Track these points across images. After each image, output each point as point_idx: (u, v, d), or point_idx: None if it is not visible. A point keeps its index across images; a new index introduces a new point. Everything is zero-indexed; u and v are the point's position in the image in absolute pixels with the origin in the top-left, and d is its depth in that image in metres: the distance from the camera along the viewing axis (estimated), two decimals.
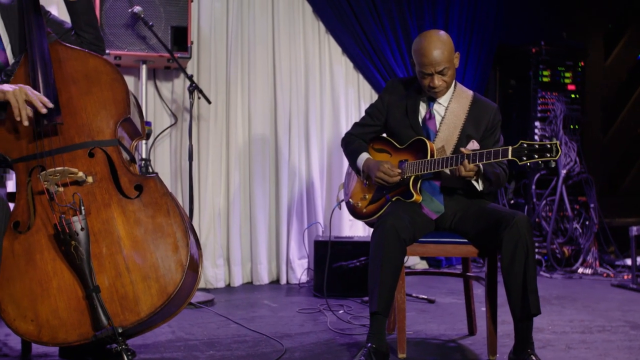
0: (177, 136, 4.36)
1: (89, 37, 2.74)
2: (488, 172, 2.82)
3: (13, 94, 2.32)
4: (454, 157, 2.74)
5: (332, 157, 4.78)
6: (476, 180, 2.81)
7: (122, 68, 4.11)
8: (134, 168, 2.62)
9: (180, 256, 2.33)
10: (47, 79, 2.43)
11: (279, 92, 4.56)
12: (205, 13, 4.36)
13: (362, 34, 4.73)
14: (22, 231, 2.37)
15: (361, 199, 3.13)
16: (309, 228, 4.65)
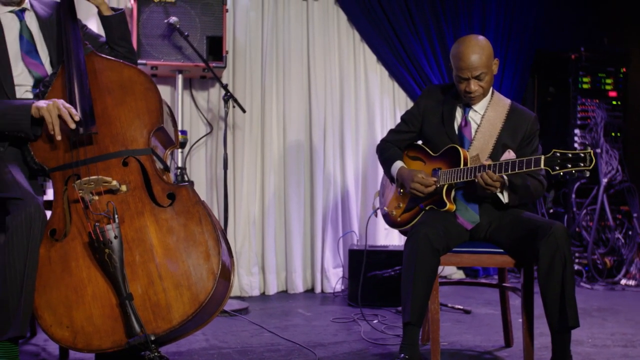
0: (212, 145, 4.39)
1: (122, 50, 2.79)
2: (516, 184, 2.77)
3: (47, 110, 2.38)
4: (486, 165, 2.70)
5: (367, 165, 4.76)
6: (501, 192, 2.76)
7: (158, 78, 4.18)
8: (168, 177, 2.64)
9: (211, 264, 2.33)
10: (83, 89, 2.48)
11: (313, 101, 4.57)
12: (240, 23, 4.40)
13: (397, 41, 4.70)
14: (58, 239, 2.40)
15: (396, 207, 3.11)
16: (343, 236, 4.63)
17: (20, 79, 2.63)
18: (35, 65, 2.65)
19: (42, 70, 2.66)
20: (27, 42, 2.66)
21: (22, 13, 2.70)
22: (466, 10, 4.96)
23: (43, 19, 2.74)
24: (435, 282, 2.71)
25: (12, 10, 2.68)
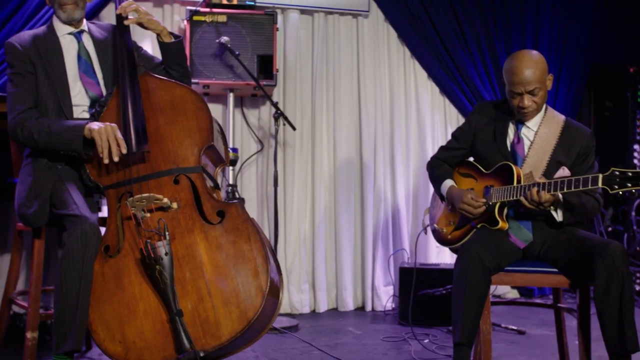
0: (263, 162, 4.43)
1: (176, 74, 2.85)
2: (571, 202, 2.70)
3: (98, 133, 2.46)
4: (542, 183, 2.64)
5: (418, 182, 4.72)
6: (554, 210, 2.69)
7: (210, 96, 4.25)
8: (218, 194, 2.67)
9: (260, 282, 2.34)
10: (136, 109, 2.54)
11: (364, 117, 4.56)
12: (291, 41, 4.44)
13: (447, 57, 4.67)
14: (112, 255, 2.46)
15: (446, 224, 3.07)
16: (394, 254, 4.59)
17: (77, 99, 2.71)
18: (92, 85, 2.74)
19: (98, 90, 2.75)
20: (84, 62, 2.75)
21: (80, 35, 2.80)
22: (519, 25, 4.88)
23: (99, 41, 2.83)
24: (487, 302, 2.66)
25: (71, 32, 2.78)
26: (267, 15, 4.04)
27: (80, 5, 2.76)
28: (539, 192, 2.61)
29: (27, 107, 2.63)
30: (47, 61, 2.68)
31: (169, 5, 4.23)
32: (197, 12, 3.95)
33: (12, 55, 2.67)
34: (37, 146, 2.60)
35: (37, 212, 2.58)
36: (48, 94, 2.67)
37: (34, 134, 2.56)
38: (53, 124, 2.58)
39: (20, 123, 2.59)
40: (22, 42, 2.69)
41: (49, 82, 2.67)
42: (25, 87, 2.65)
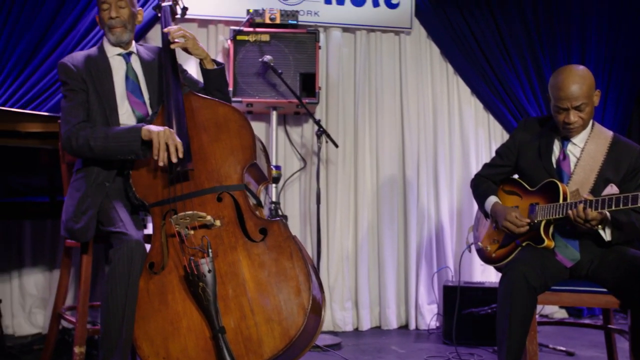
0: (306, 179, 4.45)
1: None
2: (620, 220, 2.62)
3: (157, 134, 2.51)
4: (588, 201, 2.58)
5: (462, 200, 4.67)
6: (602, 229, 2.62)
7: (253, 115, 4.30)
8: (261, 212, 2.69)
9: (302, 299, 2.34)
10: (181, 127, 2.59)
11: (407, 134, 4.55)
12: (333, 59, 4.46)
13: (491, 73, 4.62)
14: (156, 272, 2.49)
15: (490, 242, 3.02)
16: (438, 272, 4.54)
17: (125, 118, 2.78)
18: (139, 104, 2.81)
19: (144, 110, 2.81)
20: (132, 82, 2.83)
21: (128, 56, 2.88)
22: (564, 40, 4.81)
23: (146, 62, 2.90)
24: (533, 322, 2.60)
25: (119, 53, 2.86)
26: (309, 34, 4.08)
27: (128, 28, 2.84)
28: (586, 209, 2.55)
29: (81, 120, 2.71)
30: (97, 81, 2.76)
31: (213, 25, 4.31)
32: (241, 32, 4.01)
33: (65, 75, 2.76)
34: (93, 153, 2.65)
35: (84, 227, 2.63)
36: (97, 113, 2.74)
37: (89, 141, 2.62)
38: (109, 129, 2.65)
39: (74, 133, 2.66)
40: (75, 62, 2.78)
41: (98, 101, 2.75)
42: (79, 102, 2.73)
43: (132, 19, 2.86)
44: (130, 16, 2.84)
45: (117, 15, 2.80)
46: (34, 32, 3.93)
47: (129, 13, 2.84)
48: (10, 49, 3.91)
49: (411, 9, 4.49)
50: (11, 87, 3.88)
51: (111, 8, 2.80)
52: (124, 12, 2.81)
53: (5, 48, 3.89)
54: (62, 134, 2.73)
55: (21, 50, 3.91)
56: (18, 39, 3.91)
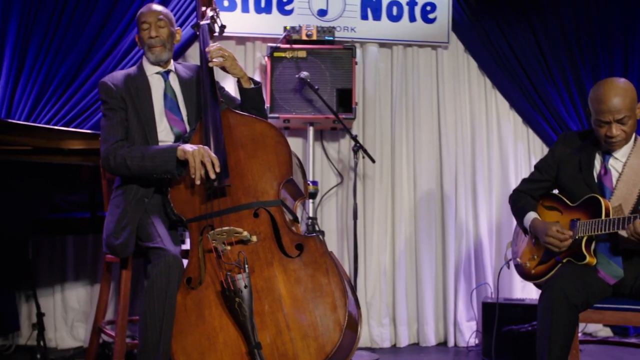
0: (343, 195, 4.45)
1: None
2: None
3: (192, 154, 2.55)
4: (632, 217, 2.52)
5: (501, 215, 4.60)
6: None
7: (291, 130, 4.32)
8: (297, 228, 2.70)
9: (338, 315, 2.34)
10: (218, 144, 2.62)
11: (444, 149, 4.52)
12: (370, 74, 4.47)
13: (530, 87, 4.56)
14: (194, 287, 2.51)
15: (530, 258, 2.97)
16: (477, 288, 4.48)
17: (163, 135, 2.83)
18: (177, 121, 2.86)
19: (182, 127, 2.86)
20: (170, 99, 2.88)
21: (167, 74, 2.94)
22: (606, 52, 4.72)
23: (185, 80, 2.96)
24: (575, 340, 2.55)
25: (158, 71, 2.92)
26: (346, 50, 4.10)
27: (167, 47, 2.91)
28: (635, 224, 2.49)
29: (119, 139, 2.78)
30: (136, 98, 2.82)
31: (250, 42, 4.36)
32: (278, 49, 4.05)
33: (105, 93, 2.84)
34: (130, 172, 2.71)
35: (124, 243, 2.69)
36: (136, 130, 2.80)
37: (126, 160, 2.69)
38: (145, 149, 2.71)
39: (112, 152, 2.73)
40: (114, 81, 2.85)
41: (137, 118, 2.80)
42: (118, 120, 2.80)
43: (171, 39, 2.94)
44: (169, 35, 2.92)
45: (157, 35, 2.87)
46: (77, 53, 4.05)
47: (168, 32, 2.91)
48: (55, 69, 4.03)
49: (448, 23, 4.47)
50: (55, 106, 4.00)
51: (151, 28, 2.87)
52: (163, 31, 2.89)
53: (50, 68, 4.02)
54: (101, 152, 2.79)
55: (65, 70, 4.03)
56: (62, 60, 4.04)
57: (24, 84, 3.99)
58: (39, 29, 4.03)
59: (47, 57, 4.02)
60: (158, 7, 2.97)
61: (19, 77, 3.99)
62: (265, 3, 4.29)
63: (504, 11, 4.53)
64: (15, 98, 3.97)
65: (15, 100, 3.97)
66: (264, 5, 4.29)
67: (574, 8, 4.61)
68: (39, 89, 4.00)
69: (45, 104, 4.00)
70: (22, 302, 4.03)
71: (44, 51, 4.02)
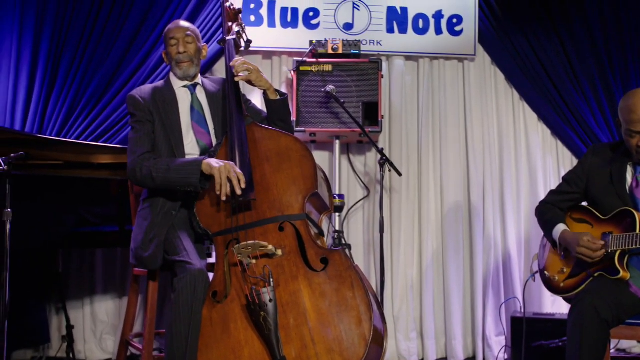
0: (369, 208, 4.43)
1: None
2: None
3: (218, 170, 2.56)
4: None
5: (530, 228, 4.54)
6: None
7: (317, 144, 4.33)
8: (322, 241, 2.70)
9: (363, 330, 2.32)
10: (244, 158, 2.63)
11: (471, 161, 4.48)
12: (396, 87, 4.46)
13: (559, 99, 4.51)
14: (219, 300, 2.52)
15: (558, 272, 2.93)
16: (506, 302, 4.42)
17: (189, 147, 2.86)
18: (203, 134, 2.88)
19: (208, 140, 2.88)
20: (197, 112, 2.92)
21: (193, 87, 2.97)
22: (637, 61, 4.65)
23: (211, 94, 2.99)
24: (607, 357, 2.49)
25: (185, 85, 2.96)
26: (371, 63, 4.10)
27: (195, 62, 2.95)
28: None
29: (145, 151, 2.81)
30: (163, 111, 2.86)
31: (277, 57, 4.39)
32: (304, 63, 4.07)
33: (133, 106, 2.88)
34: (155, 184, 2.74)
35: (152, 255, 2.71)
36: (163, 143, 2.84)
37: (152, 172, 2.71)
38: (171, 161, 2.74)
39: (139, 164, 2.76)
40: (142, 94, 2.90)
41: (164, 131, 2.84)
42: (145, 133, 2.84)
43: (198, 54, 2.98)
44: (197, 51, 2.97)
45: (185, 50, 2.91)
46: (106, 68, 4.12)
47: (195, 48, 2.96)
48: (85, 84, 4.11)
49: (474, 35, 4.45)
50: (86, 121, 4.07)
51: (179, 43, 2.91)
52: (191, 47, 2.93)
53: (81, 84, 4.10)
54: (128, 164, 2.83)
55: (95, 86, 4.10)
56: (92, 75, 4.12)
57: (55, 99, 4.07)
58: (70, 45, 4.12)
59: (77, 72, 4.10)
60: (185, 24, 3.01)
61: (50, 92, 4.08)
62: (291, 17, 4.32)
63: (532, 22, 4.50)
64: (47, 113, 4.06)
65: (47, 116, 4.05)
66: (290, 20, 4.32)
67: (603, 17, 4.55)
68: (70, 104, 4.08)
69: (75, 119, 4.07)
70: (52, 314, 4.08)
71: (75, 67, 4.10)
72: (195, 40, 2.97)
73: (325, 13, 4.35)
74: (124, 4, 4.18)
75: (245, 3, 4.26)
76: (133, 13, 4.18)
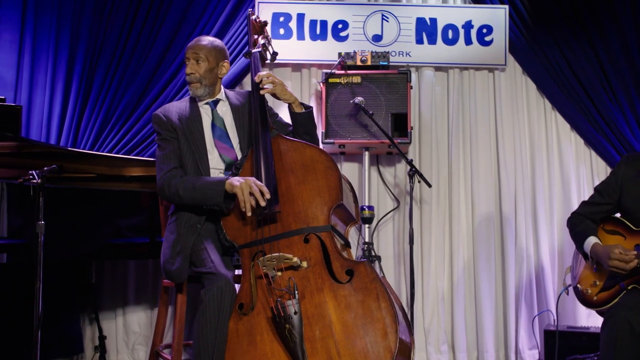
0: (399, 220, 4.41)
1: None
2: None
3: (240, 188, 2.58)
4: None
5: (563, 239, 4.46)
6: None
7: (346, 155, 4.34)
8: (349, 253, 2.69)
9: (389, 342, 2.31)
10: (269, 170, 2.65)
11: (502, 172, 4.43)
12: (425, 98, 4.44)
13: (592, 108, 4.43)
14: (246, 313, 2.52)
15: (591, 285, 2.87)
16: (539, 315, 4.34)
17: (214, 162, 2.89)
18: (227, 149, 2.90)
19: (233, 154, 2.90)
20: (219, 128, 2.93)
21: (214, 104, 2.98)
22: None
23: (236, 107, 3.00)
24: None
25: (207, 102, 2.98)
26: (400, 74, 4.10)
27: (203, 83, 2.91)
28: None
29: (172, 167, 2.85)
30: (187, 129, 2.89)
31: (306, 69, 4.42)
32: (333, 75, 4.09)
33: (157, 125, 2.92)
34: (182, 202, 2.79)
35: (179, 269, 2.74)
36: (188, 159, 2.87)
37: (179, 190, 2.76)
38: (196, 180, 2.77)
39: (167, 181, 2.80)
40: (166, 113, 2.93)
41: (189, 148, 2.87)
42: (171, 149, 2.88)
43: (210, 73, 2.93)
44: (208, 70, 2.92)
45: (192, 72, 2.90)
46: (138, 83, 4.22)
47: (207, 67, 2.91)
48: (118, 99, 4.20)
49: (505, 45, 4.41)
50: (118, 135, 4.15)
51: (188, 64, 2.92)
52: (201, 67, 2.90)
53: (113, 99, 4.19)
54: (157, 180, 2.87)
55: (127, 100, 4.19)
56: (125, 90, 4.21)
57: (89, 114, 4.17)
58: (103, 62, 4.22)
59: (110, 88, 4.19)
60: (202, 42, 2.96)
61: (84, 108, 4.18)
62: (320, 30, 4.35)
63: (563, 30, 4.44)
64: (81, 128, 4.15)
65: (80, 130, 4.15)
66: (319, 32, 4.34)
67: (637, 23, 4.48)
68: (102, 119, 4.17)
69: (108, 133, 4.16)
70: (85, 325, 4.14)
71: (108, 83, 4.20)
72: (207, 60, 2.92)
73: (354, 25, 4.37)
74: (155, 21, 4.27)
75: (275, 16, 4.30)
76: (163, 30, 4.26)
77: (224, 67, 2.99)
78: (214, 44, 2.97)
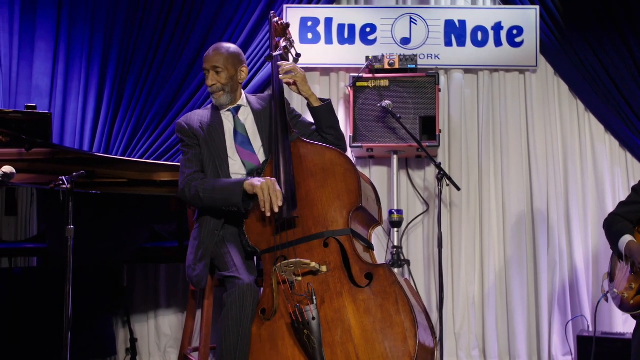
0: (429, 223, 4.38)
1: (330, 138, 2.95)
2: None
3: (260, 188, 2.60)
4: None
5: (598, 243, 4.36)
6: None
7: (375, 159, 4.32)
8: (372, 255, 2.67)
9: (408, 347, 2.29)
10: (287, 175, 2.66)
11: (534, 175, 4.36)
12: (455, 101, 4.40)
13: (627, 109, 4.32)
14: (268, 317, 2.53)
15: (627, 288, 2.82)
16: (573, 321, 4.25)
17: (236, 168, 2.91)
18: (249, 155, 2.92)
19: (255, 160, 2.92)
20: (240, 135, 2.96)
21: (236, 110, 3.00)
22: None
23: (258, 111, 3.02)
24: None
25: (228, 108, 3.01)
26: (428, 77, 4.07)
27: (227, 90, 2.94)
28: None
29: (194, 171, 2.89)
30: (208, 136, 2.92)
31: (334, 73, 4.43)
32: (360, 78, 4.09)
33: (180, 132, 2.98)
34: (202, 203, 2.82)
35: (199, 275, 2.78)
36: (208, 165, 2.91)
37: (199, 192, 2.79)
38: (216, 182, 2.81)
39: (187, 184, 2.85)
40: (188, 121, 2.98)
41: (210, 155, 2.91)
42: (193, 154, 2.92)
43: (231, 80, 2.95)
44: (229, 79, 2.94)
45: (213, 83, 2.93)
46: (168, 90, 4.29)
47: (227, 76, 2.93)
48: (148, 106, 4.29)
49: (536, 46, 4.34)
50: (149, 140, 4.23)
51: (208, 75, 2.94)
52: (221, 76, 2.92)
53: (144, 106, 4.28)
54: (179, 183, 2.91)
55: (157, 108, 4.27)
56: (155, 97, 4.29)
57: (120, 120, 4.26)
58: (134, 69, 4.31)
59: (141, 95, 4.28)
60: (219, 51, 2.96)
61: (116, 114, 4.27)
62: (348, 34, 4.35)
63: (596, 29, 4.35)
64: (114, 134, 4.24)
65: (113, 136, 4.24)
66: (347, 36, 4.35)
67: None
68: (134, 125, 4.26)
69: (139, 139, 4.24)
70: (118, 327, 4.22)
71: (139, 90, 4.29)
72: (226, 68, 2.92)
73: (382, 28, 4.36)
74: (185, 29, 4.34)
75: (303, 21, 4.32)
76: (193, 37, 4.33)
77: (243, 72, 3.01)
78: (230, 51, 2.97)
